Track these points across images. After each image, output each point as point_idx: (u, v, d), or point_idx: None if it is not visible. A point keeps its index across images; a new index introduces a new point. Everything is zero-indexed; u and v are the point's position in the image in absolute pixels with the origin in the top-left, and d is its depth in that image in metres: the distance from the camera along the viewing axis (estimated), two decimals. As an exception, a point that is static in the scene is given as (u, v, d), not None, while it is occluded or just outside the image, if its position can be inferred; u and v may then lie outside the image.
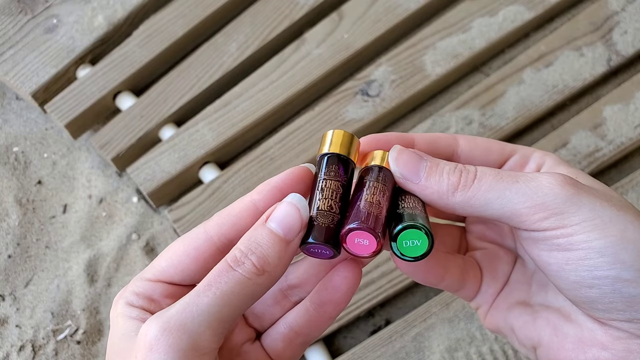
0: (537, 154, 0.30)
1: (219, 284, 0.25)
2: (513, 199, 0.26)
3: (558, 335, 0.29)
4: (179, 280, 0.29)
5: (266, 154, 0.59)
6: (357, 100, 0.60)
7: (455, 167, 0.28)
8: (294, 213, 0.27)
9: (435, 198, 0.28)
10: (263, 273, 0.26)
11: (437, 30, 0.62)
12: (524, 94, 0.58)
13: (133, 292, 0.28)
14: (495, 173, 0.27)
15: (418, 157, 0.28)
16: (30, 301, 0.58)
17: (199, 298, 0.25)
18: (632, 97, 0.57)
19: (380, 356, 0.49)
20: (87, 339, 0.57)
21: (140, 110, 0.62)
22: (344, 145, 0.29)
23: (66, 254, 0.60)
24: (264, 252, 0.26)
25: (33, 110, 0.67)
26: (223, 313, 0.25)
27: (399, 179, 0.28)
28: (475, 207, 0.27)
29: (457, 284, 0.32)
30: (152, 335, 0.24)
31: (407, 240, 0.27)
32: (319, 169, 0.29)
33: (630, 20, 0.60)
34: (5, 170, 0.64)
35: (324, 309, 0.30)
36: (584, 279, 0.26)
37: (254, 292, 0.26)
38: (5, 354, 0.56)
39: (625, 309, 0.26)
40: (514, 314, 0.31)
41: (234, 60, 0.63)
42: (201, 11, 0.65)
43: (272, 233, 0.26)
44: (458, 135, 0.31)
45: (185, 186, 0.62)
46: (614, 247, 0.25)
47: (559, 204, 0.26)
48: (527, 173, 0.27)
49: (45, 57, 0.64)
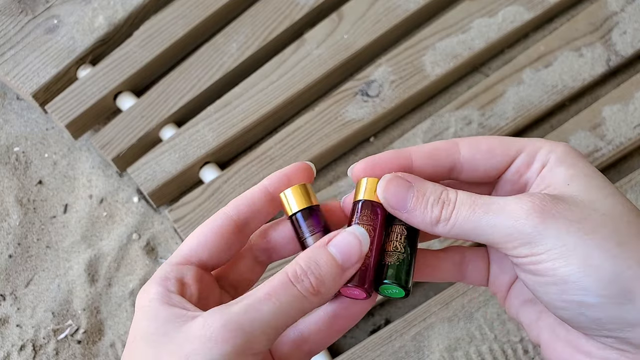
0: (544, 150, 0.30)
1: (279, 295, 0.27)
2: (486, 230, 0.28)
3: (552, 337, 0.31)
4: (207, 258, 0.31)
5: (266, 154, 0.59)
6: (356, 101, 0.60)
7: (439, 199, 0.29)
8: (356, 244, 0.29)
9: (421, 227, 0.30)
10: (317, 294, 0.28)
11: (436, 31, 0.62)
12: (523, 94, 0.59)
13: (165, 277, 0.30)
14: (470, 203, 0.28)
15: (405, 187, 0.30)
16: (31, 301, 0.59)
17: (260, 304, 0.27)
18: (631, 98, 0.57)
19: (380, 355, 0.50)
20: (87, 339, 0.57)
21: (141, 110, 0.62)
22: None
23: (67, 253, 0.60)
24: (322, 274, 0.28)
25: (34, 111, 0.68)
26: (278, 322, 0.27)
27: (387, 207, 0.30)
28: (456, 236, 0.29)
29: (453, 277, 0.34)
30: (214, 328, 0.26)
31: (388, 290, 0.30)
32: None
33: (630, 20, 0.60)
34: (6, 170, 0.64)
35: (336, 321, 0.31)
36: (554, 301, 0.28)
37: (306, 308, 0.28)
38: (6, 353, 0.56)
39: (597, 328, 0.28)
40: (524, 311, 0.32)
41: (234, 60, 0.63)
42: (201, 12, 0.65)
43: (331, 258, 0.28)
44: (459, 140, 0.31)
45: (185, 186, 0.62)
46: (577, 275, 0.26)
47: (525, 234, 0.27)
48: (499, 200, 0.28)
49: (46, 57, 0.64)
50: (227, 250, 0.31)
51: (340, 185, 0.57)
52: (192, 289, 0.30)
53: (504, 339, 0.49)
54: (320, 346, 0.32)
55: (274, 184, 0.31)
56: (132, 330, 0.29)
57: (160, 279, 0.30)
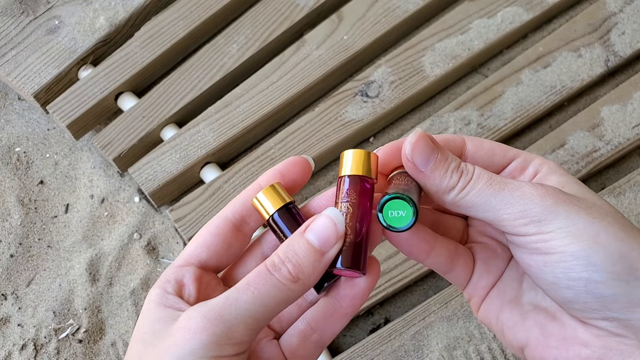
0: (537, 160, 0.32)
1: (257, 284, 0.28)
2: (497, 205, 0.29)
3: (544, 334, 0.31)
4: (207, 258, 0.31)
5: (267, 154, 0.59)
6: (356, 101, 0.60)
7: (458, 167, 0.30)
8: (331, 226, 0.29)
9: (433, 190, 0.31)
10: (297, 280, 0.28)
11: (435, 32, 0.62)
12: (522, 94, 0.59)
13: (166, 280, 0.31)
14: (488, 178, 0.30)
15: (431, 148, 0.30)
16: (32, 300, 0.59)
17: (238, 294, 0.27)
18: (630, 98, 0.57)
19: (380, 354, 0.50)
20: (88, 338, 0.57)
21: (142, 110, 0.62)
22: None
23: (68, 253, 0.61)
24: (300, 261, 0.28)
25: (35, 111, 0.68)
26: (257, 312, 0.27)
27: (407, 162, 0.30)
28: (462, 206, 0.30)
29: (443, 265, 0.34)
30: (194, 320, 0.27)
31: (392, 210, 0.29)
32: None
33: (628, 21, 0.61)
34: (8, 171, 0.64)
35: (341, 303, 0.32)
36: (560, 280, 0.28)
37: (288, 297, 0.28)
38: (8, 352, 0.57)
39: (600, 309, 0.28)
40: (506, 314, 0.33)
41: (235, 61, 0.63)
42: (202, 13, 0.65)
43: (308, 244, 0.29)
44: (467, 137, 0.33)
45: (186, 186, 0.62)
46: (586, 251, 0.28)
47: (538, 213, 0.28)
48: (514, 181, 0.30)
49: (47, 58, 0.64)
50: (227, 250, 0.32)
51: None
52: (190, 289, 0.30)
53: (503, 338, 0.50)
54: (329, 334, 0.32)
55: (269, 181, 0.32)
56: (134, 330, 0.30)
57: (161, 282, 0.31)
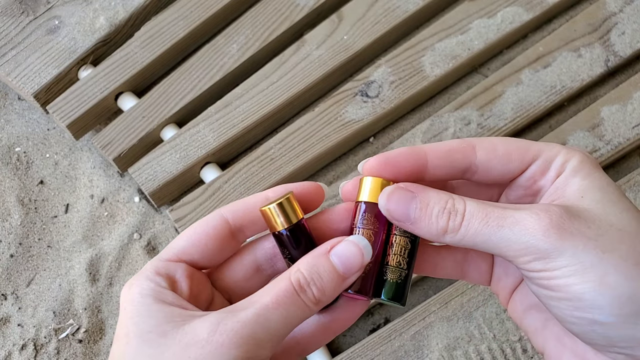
0: (560, 158, 0.29)
1: (286, 304, 0.27)
2: (499, 243, 0.27)
3: (559, 347, 0.30)
4: (199, 258, 0.30)
5: (267, 154, 0.59)
6: (356, 101, 0.60)
7: (444, 208, 0.28)
8: (358, 255, 0.28)
9: (427, 237, 0.29)
10: (318, 303, 0.28)
11: (435, 32, 0.62)
12: (522, 94, 0.59)
13: (156, 273, 0.29)
14: (482, 216, 0.27)
15: (408, 198, 0.29)
16: (32, 300, 0.59)
17: (269, 313, 0.27)
18: (630, 98, 0.57)
19: (380, 355, 0.50)
20: (88, 338, 0.57)
21: (142, 110, 0.62)
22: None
23: (68, 253, 0.61)
24: (324, 285, 0.28)
25: (35, 111, 0.68)
26: (284, 331, 0.27)
27: (391, 220, 0.30)
28: (465, 245, 0.28)
29: (453, 275, 0.33)
30: (227, 335, 0.26)
31: (386, 301, 0.31)
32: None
33: (628, 21, 0.61)
34: (8, 171, 0.64)
35: (333, 324, 0.31)
36: (566, 316, 0.27)
37: (306, 317, 0.28)
38: (8, 352, 0.57)
39: (607, 345, 0.27)
40: (528, 319, 0.32)
41: (235, 61, 0.63)
42: (202, 13, 0.65)
43: (332, 267, 0.28)
44: (476, 142, 0.30)
45: (186, 186, 0.62)
46: (591, 293, 0.26)
47: (541, 250, 0.26)
48: (514, 212, 0.27)
49: (47, 58, 0.64)
50: (219, 253, 0.31)
51: (340, 185, 0.58)
52: (183, 286, 0.29)
53: (503, 338, 0.50)
54: (312, 348, 0.32)
55: (278, 196, 0.30)
56: (122, 324, 0.28)
57: (150, 273, 0.29)
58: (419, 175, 0.30)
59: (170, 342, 0.26)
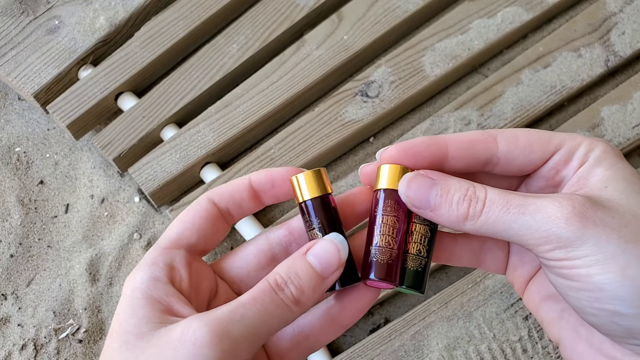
0: (583, 148, 0.29)
1: (263, 301, 0.27)
2: (519, 231, 0.27)
3: (574, 338, 0.30)
4: (196, 240, 0.30)
5: (267, 154, 0.59)
6: (356, 101, 0.60)
7: (465, 195, 0.28)
8: (334, 252, 0.28)
9: (446, 224, 0.29)
10: (298, 303, 0.27)
11: (435, 32, 0.62)
12: (522, 94, 0.59)
13: (152, 263, 0.29)
14: (504, 203, 0.27)
15: (428, 185, 0.28)
16: (32, 300, 0.59)
17: (244, 310, 0.26)
18: (630, 98, 0.57)
19: (380, 354, 0.50)
20: (88, 338, 0.57)
21: (142, 110, 0.62)
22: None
23: (68, 253, 0.61)
24: (302, 284, 0.28)
25: (35, 111, 0.68)
26: (261, 330, 0.27)
27: (411, 207, 0.29)
28: (484, 233, 0.28)
29: (469, 264, 0.33)
30: (200, 332, 0.25)
31: (405, 290, 0.31)
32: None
33: (628, 21, 0.61)
34: (8, 171, 0.64)
35: (341, 316, 0.31)
36: (585, 307, 0.27)
37: (288, 318, 0.28)
38: (8, 352, 0.57)
39: (626, 337, 0.27)
40: (544, 309, 0.32)
41: (235, 61, 0.63)
42: (202, 13, 0.65)
43: (310, 267, 0.28)
44: (497, 133, 0.30)
45: (186, 186, 0.62)
46: (613, 284, 0.25)
47: (563, 238, 0.26)
48: (536, 200, 0.27)
49: (47, 58, 0.64)
50: (213, 235, 0.31)
51: (340, 185, 0.58)
52: (182, 273, 0.29)
53: (503, 338, 0.50)
54: (321, 343, 0.32)
55: (260, 182, 0.31)
56: (114, 319, 0.28)
57: (147, 264, 0.29)
58: (439, 166, 0.30)
59: (145, 345, 0.26)
